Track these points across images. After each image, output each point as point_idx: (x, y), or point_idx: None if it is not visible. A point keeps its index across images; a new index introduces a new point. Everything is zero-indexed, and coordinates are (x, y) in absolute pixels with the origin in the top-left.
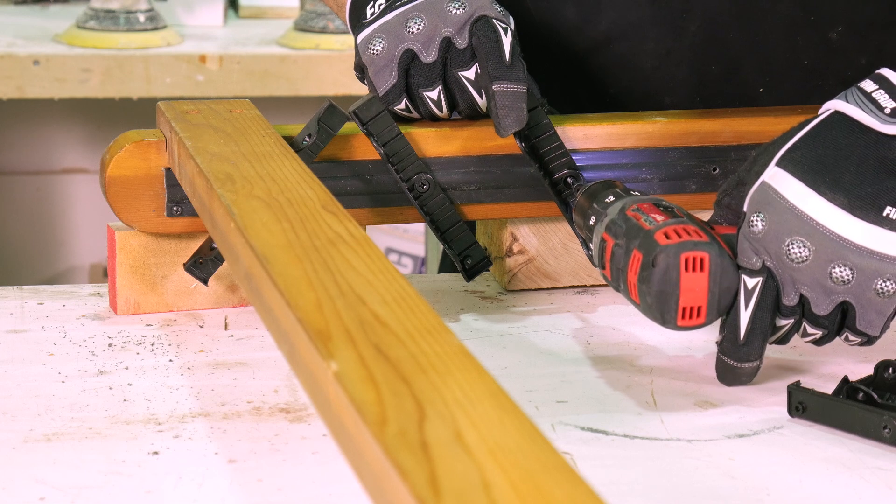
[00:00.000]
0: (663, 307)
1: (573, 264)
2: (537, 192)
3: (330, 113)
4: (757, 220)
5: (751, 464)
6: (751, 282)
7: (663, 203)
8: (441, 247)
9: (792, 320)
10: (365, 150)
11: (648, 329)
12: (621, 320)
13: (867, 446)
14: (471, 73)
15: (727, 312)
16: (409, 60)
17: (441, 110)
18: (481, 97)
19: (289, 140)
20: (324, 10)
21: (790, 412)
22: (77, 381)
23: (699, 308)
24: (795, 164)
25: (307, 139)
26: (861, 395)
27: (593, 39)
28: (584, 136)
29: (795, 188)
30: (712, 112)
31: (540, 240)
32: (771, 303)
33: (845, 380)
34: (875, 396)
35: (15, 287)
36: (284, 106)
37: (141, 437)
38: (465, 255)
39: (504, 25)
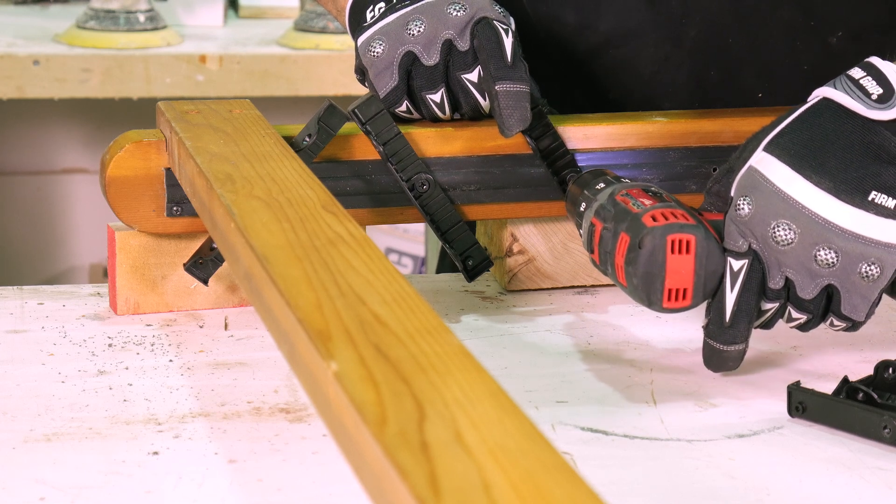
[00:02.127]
0: (649, 289)
1: (573, 264)
2: (537, 192)
3: (330, 113)
4: (744, 204)
5: (751, 464)
6: (737, 264)
7: (652, 189)
8: (441, 247)
9: (777, 304)
10: (365, 150)
11: (649, 329)
12: (621, 320)
13: (867, 446)
14: (473, 76)
15: (713, 295)
16: (411, 63)
17: (444, 112)
18: (484, 99)
19: (289, 140)
20: (324, 11)
21: (790, 412)
22: (77, 381)
23: (685, 290)
24: (782, 149)
25: (307, 139)
26: (861, 395)
27: (592, 43)
28: (584, 136)
29: (782, 172)
30: (712, 112)
31: (540, 240)
32: (756, 285)
33: (845, 380)
34: (875, 396)
35: (15, 287)
36: (284, 106)
37: (141, 437)
38: (467, 256)
39: (505, 26)
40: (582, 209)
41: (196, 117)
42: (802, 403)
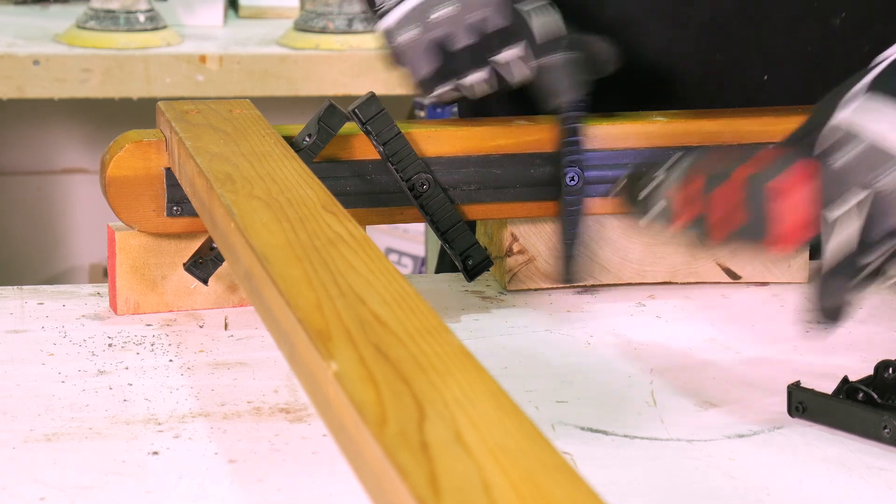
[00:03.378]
0: (763, 228)
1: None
2: (537, 192)
3: (330, 113)
4: (844, 153)
5: (751, 464)
6: (839, 211)
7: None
8: (441, 247)
9: (884, 252)
10: (365, 150)
11: (648, 329)
12: (621, 320)
13: (867, 446)
14: (510, 53)
15: (823, 239)
16: (445, 45)
17: (484, 91)
18: (524, 75)
19: (289, 140)
20: (324, 11)
21: (790, 412)
22: (77, 381)
23: (800, 230)
24: (887, 91)
25: (307, 139)
26: (861, 395)
27: (596, 30)
28: (583, 135)
29: (887, 115)
30: (712, 112)
31: (540, 240)
32: (861, 234)
33: (845, 380)
34: (875, 396)
35: (15, 287)
36: (284, 106)
37: (141, 437)
38: (467, 256)
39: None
40: (658, 180)
41: (196, 117)
42: (802, 403)
